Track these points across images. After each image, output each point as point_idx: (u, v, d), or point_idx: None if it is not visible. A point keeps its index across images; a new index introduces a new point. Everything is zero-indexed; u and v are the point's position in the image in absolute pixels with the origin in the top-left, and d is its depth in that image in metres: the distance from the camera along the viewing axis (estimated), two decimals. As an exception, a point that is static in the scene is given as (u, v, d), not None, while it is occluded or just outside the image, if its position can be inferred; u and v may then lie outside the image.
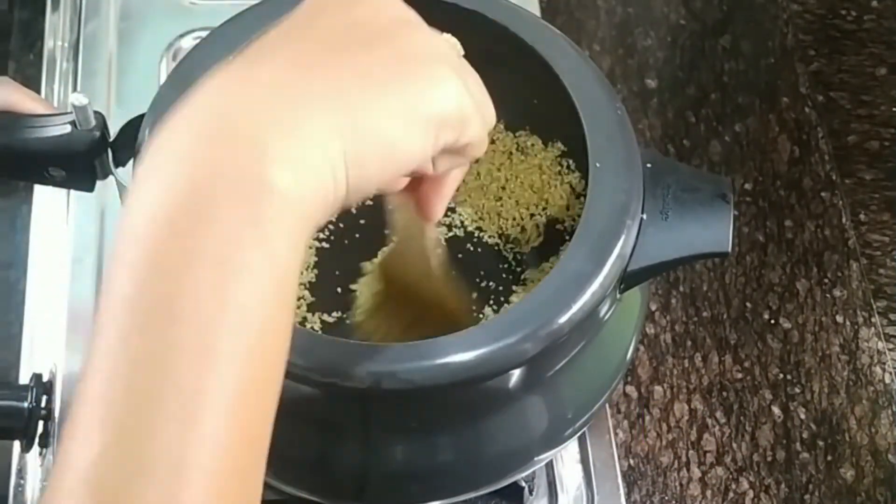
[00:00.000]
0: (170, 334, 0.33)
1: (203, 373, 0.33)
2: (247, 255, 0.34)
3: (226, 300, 0.34)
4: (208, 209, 0.34)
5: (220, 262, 0.34)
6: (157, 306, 0.33)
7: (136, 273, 0.34)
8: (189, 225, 0.34)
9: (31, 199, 0.76)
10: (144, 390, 0.33)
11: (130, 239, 0.35)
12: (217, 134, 0.36)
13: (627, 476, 0.70)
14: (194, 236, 0.34)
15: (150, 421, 0.32)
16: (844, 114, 0.88)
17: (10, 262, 0.74)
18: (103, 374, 0.33)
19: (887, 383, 0.75)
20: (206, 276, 0.34)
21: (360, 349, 0.48)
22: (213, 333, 0.33)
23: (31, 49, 0.82)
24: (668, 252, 0.52)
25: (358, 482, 0.55)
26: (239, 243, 0.34)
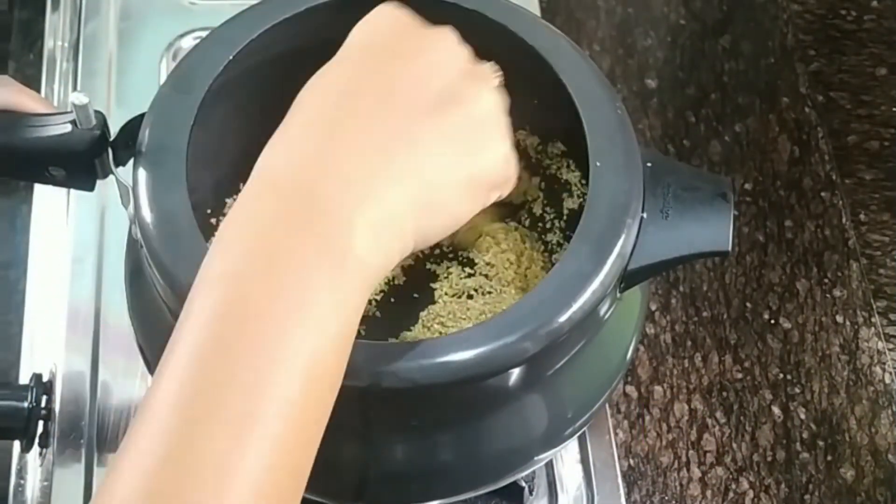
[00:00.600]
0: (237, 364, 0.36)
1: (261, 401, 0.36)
2: (325, 311, 0.38)
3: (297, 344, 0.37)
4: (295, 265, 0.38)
5: (300, 312, 0.37)
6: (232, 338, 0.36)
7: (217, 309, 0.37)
8: (276, 275, 0.37)
9: (31, 199, 0.76)
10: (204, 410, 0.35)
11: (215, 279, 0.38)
12: (301, 198, 0.39)
13: (627, 476, 0.70)
14: (280, 286, 0.37)
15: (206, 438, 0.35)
16: (844, 114, 0.88)
17: (10, 262, 0.74)
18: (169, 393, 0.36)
19: (887, 383, 0.75)
20: (284, 320, 0.37)
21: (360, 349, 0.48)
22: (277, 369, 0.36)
23: (31, 49, 0.83)
24: (668, 251, 0.52)
25: (358, 482, 0.55)
26: (319, 301, 0.38)
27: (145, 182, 0.51)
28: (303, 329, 0.37)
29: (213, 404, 0.35)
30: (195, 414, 0.35)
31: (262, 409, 0.36)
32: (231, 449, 0.35)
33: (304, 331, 0.37)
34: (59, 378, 0.69)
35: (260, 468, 0.35)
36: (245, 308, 0.37)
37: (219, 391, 0.36)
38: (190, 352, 0.36)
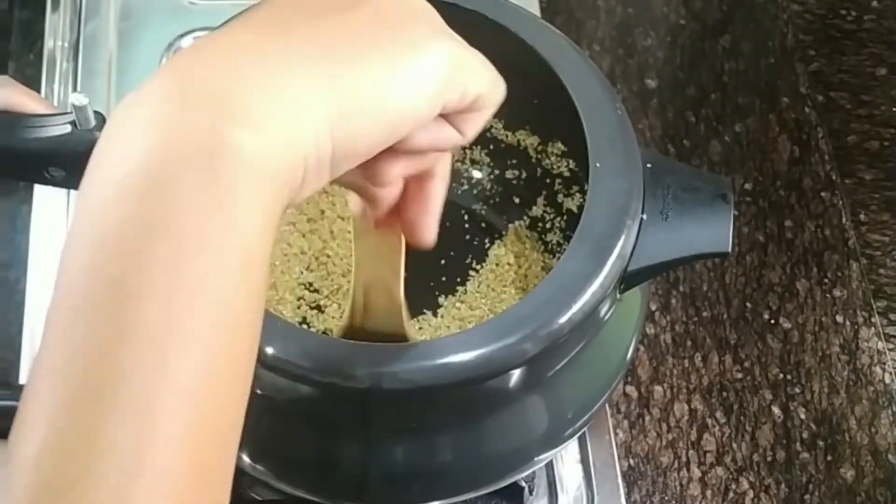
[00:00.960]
0: (122, 315, 0.30)
1: (158, 359, 0.30)
2: (205, 222, 0.31)
3: (182, 273, 0.30)
4: (165, 176, 0.31)
5: (176, 233, 0.30)
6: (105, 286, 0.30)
7: (87, 249, 0.31)
8: (144, 193, 0.31)
9: (31, 199, 0.76)
10: (90, 380, 0.29)
11: (81, 214, 0.32)
12: (182, 97, 0.32)
13: (627, 476, 0.70)
14: (149, 205, 0.31)
15: (96, 413, 0.29)
16: (844, 114, 0.88)
17: (10, 262, 0.74)
18: (49, 364, 0.30)
19: (887, 383, 0.75)
20: (161, 248, 0.30)
21: (360, 349, 0.48)
22: (168, 311, 0.30)
23: (31, 49, 0.82)
24: (668, 252, 0.52)
25: (358, 482, 0.55)
26: (197, 211, 0.31)
27: (145, 182, 0.51)
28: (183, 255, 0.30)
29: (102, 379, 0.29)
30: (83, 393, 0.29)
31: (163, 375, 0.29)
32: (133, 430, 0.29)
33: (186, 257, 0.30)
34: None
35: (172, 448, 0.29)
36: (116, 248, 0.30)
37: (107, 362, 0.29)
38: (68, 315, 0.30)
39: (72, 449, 0.29)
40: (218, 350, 0.31)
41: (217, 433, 0.31)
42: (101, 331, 0.30)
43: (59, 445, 0.29)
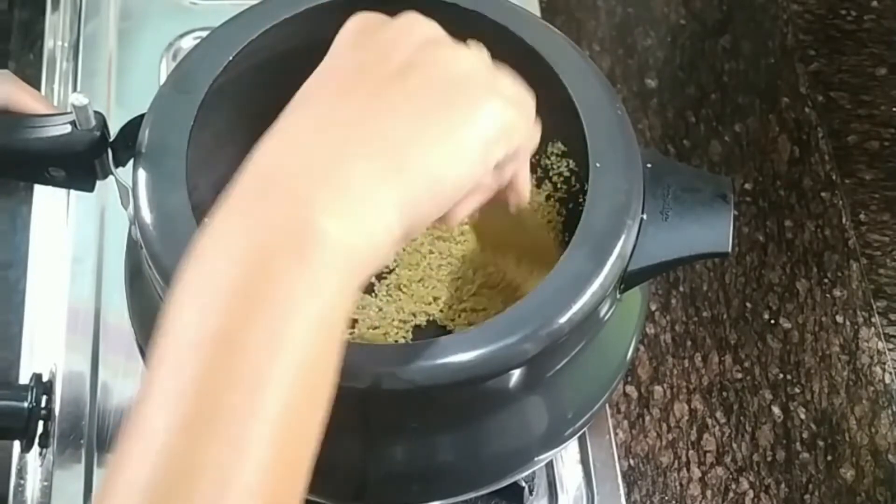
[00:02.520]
0: (224, 364, 0.35)
1: (248, 399, 0.35)
2: (299, 298, 0.36)
3: (277, 337, 0.36)
4: (262, 254, 0.36)
5: (274, 304, 0.36)
6: (210, 337, 0.36)
7: (193, 310, 0.36)
8: (247, 272, 0.36)
9: (31, 199, 0.76)
10: (191, 413, 0.35)
11: (188, 281, 0.37)
12: (267, 189, 0.38)
13: (627, 476, 0.70)
14: (249, 278, 0.36)
15: (195, 442, 0.34)
16: (844, 114, 0.88)
17: (10, 262, 0.74)
18: (160, 398, 0.35)
19: (887, 383, 0.75)
20: (261, 315, 0.36)
21: (360, 349, 0.48)
22: (264, 365, 0.35)
23: (31, 49, 0.83)
24: (668, 252, 0.52)
25: (358, 482, 0.55)
26: (291, 288, 0.36)
27: (145, 182, 0.51)
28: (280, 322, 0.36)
29: (202, 412, 0.35)
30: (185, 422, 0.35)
31: (252, 413, 0.35)
32: (225, 457, 0.34)
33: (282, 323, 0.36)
34: (59, 378, 0.69)
35: (255, 474, 0.35)
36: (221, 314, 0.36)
37: (207, 399, 0.35)
38: (175, 363, 0.36)
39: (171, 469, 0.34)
40: (295, 395, 0.36)
41: (291, 464, 0.36)
42: (201, 376, 0.35)
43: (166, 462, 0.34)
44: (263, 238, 0.37)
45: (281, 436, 0.35)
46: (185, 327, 0.37)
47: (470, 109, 0.40)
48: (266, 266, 0.36)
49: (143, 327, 0.57)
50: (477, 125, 0.40)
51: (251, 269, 0.36)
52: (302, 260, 0.36)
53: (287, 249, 0.37)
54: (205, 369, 0.35)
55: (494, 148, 0.41)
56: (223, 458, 0.34)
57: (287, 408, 0.36)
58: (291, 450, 0.36)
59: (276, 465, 0.35)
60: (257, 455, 0.35)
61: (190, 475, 0.34)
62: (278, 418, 0.35)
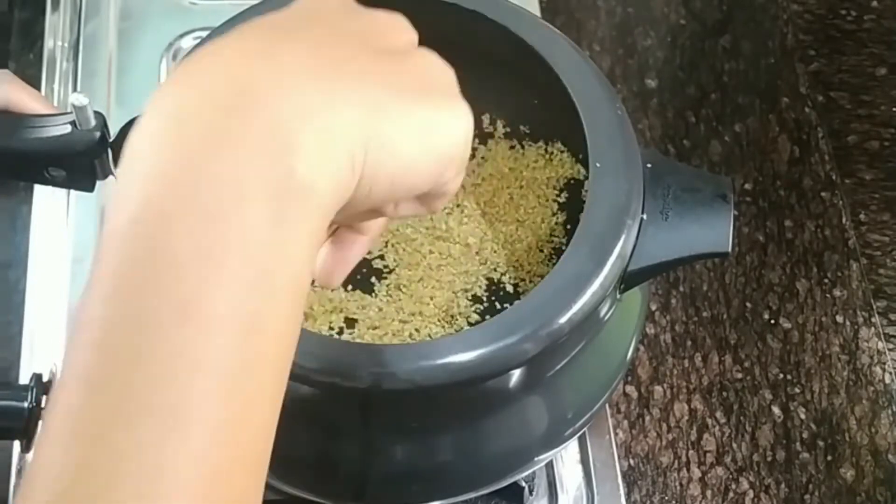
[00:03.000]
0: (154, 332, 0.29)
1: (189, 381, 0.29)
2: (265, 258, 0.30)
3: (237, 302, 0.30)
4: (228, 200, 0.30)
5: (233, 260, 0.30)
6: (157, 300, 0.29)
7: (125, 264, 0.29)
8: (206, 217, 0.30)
9: (31, 199, 0.76)
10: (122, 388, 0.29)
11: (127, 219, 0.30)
12: (241, 108, 0.31)
13: (627, 476, 0.70)
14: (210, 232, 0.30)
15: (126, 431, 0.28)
16: (844, 114, 0.88)
17: (10, 262, 0.74)
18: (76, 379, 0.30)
19: (887, 383, 0.75)
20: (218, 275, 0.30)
21: (360, 349, 0.48)
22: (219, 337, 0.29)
23: (31, 49, 0.82)
24: (668, 252, 0.52)
25: (358, 482, 0.55)
26: (258, 244, 0.30)
27: (145, 182, 0.51)
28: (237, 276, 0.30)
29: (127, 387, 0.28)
30: (107, 401, 0.28)
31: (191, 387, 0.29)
32: (156, 443, 0.28)
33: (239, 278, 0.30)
34: (58, 378, 0.69)
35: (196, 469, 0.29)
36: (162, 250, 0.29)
37: (134, 367, 0.29)
38: (99, 316, 0.29)
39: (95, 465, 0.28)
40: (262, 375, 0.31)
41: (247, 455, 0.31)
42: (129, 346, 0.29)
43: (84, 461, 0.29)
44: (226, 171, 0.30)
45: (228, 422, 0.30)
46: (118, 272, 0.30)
47: (453, 116, 0.37)
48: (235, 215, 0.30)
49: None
50: (452, 134, 0.37)
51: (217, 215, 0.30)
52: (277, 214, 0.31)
53: (260, 196, 0.30)
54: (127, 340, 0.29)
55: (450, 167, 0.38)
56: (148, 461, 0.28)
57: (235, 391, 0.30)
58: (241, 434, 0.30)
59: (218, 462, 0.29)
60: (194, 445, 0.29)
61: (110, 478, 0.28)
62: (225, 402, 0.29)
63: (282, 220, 0.31)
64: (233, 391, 0.30)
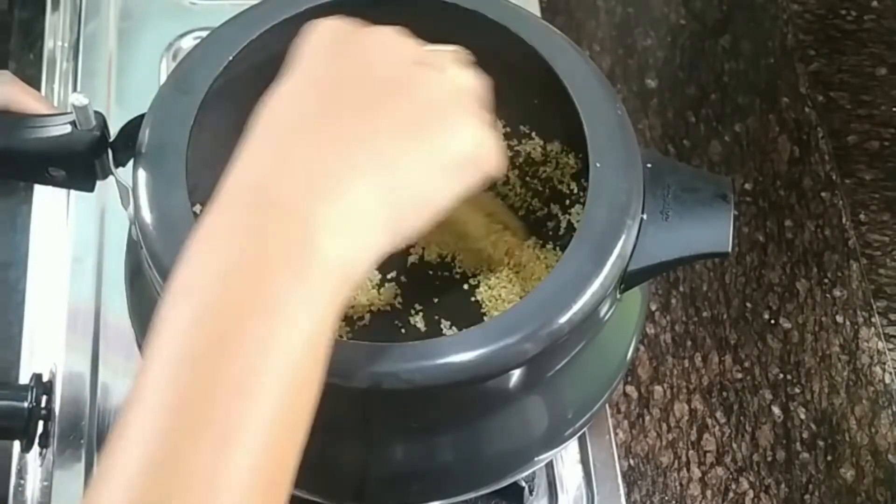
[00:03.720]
0: (217, 370, 0.36)
1: (243, 406, 0.36)
2: (294, 311, 0.37)
3: (270, 347, 0.37)
4: (261, 270, 0.37)
5: (270, 315, 0.37)
6: (205, 346, 0.36)
7: (189, 317, 0.37)
8: (243, 282, 0.37)
9: (31, 199, 0.76)
10: (188, 417, 0.35)
11: (185, 291, 0.38)
12: (261, 206, 0.39)
13: (627, 476, 0.70)
14: (248, 292, 0.37)
15: (191, 445, 0.35)
16: (844, 114, 0.88)
17: (10, 262, 0.74)
18: (151, 401, 0.36)
19: (887, 383, 0.75)
20: (256, 325, 0.37)
21: (360, 349, 0.48)
22: (256, 373, 0.36)
23: (31, 49, 0.83)
24: (668, 252, 0.52)
25: (358, 482, 0.55)
26: (288, 302, 0.37)
27: (145, 182, 0.51)
28: (274, 333, 0.37)
29: (193, 415, 0.35)
30: (177, 424, 0.35)
31: (242, 419, 0.36)
32: (215, 459, 0.35)
33: (276, 335, 0.37)
34: (59, 378, 0.69)
35: (244, 476, 0.35)
36: (215, 319, 0.37)
37: (198, 402, 0.36)
38: (167, 364, 0.37)
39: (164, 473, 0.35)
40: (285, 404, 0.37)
41: (278, 469, 0.37)
42: (194, 382, 0.36)
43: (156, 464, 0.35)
44: (263, 253, 0.38)
45: (267, 444, 0.36)
46: (177, 332, 0.37)
47: (451, 131, 0.42)
48: (263, 279, 0.37)
49: (143, 327, 0.57)
50: (456, 146, 0.43)
51: (249, 283, 0.37)
52: (299, 276, 0.38)
53: (285, 264, 0.38)
54: (195, 376, 0.36)
55: (472, 169, 0.43)
56: (209, 467, 0.35)
57: (273, 419, 0.36)
58: (276, 458, 0.37)
59: (261, 473, 0.36)
60: (243, 463, 0.35)
61: (176, 485, 0.34)
62: (264, 428, 0.36)
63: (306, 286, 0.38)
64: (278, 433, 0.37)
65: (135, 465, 0.35)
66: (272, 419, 0.36)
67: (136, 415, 0.36)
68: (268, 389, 0.36)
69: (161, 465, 0.35)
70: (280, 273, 0.38)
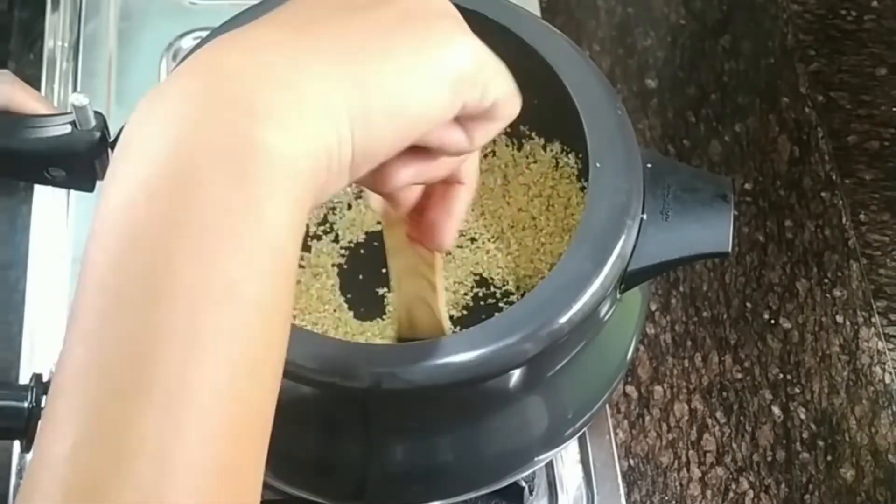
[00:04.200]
0: (149, 313, 0.30)
1: (187, 355, 0.30)
2: (232, 219, 0.31)
3: (210, 271, 0.30)
4: (191, 173, 0.31)
5: (206, 231, 0.30)
6: (135, 283, 0.30)
7: (113, 249, 0.31)
8: (169, 191, 0.31)
9: (31, 199, 0.76)
10: (122, 377, 0.29)
11: (106, 213, 0.31)
12: (206, 95, 0.32)
13: (627, 476, 0.70)
14: (174, 203, 0.31)
15: (129, 411, 0.29)
16: (844, 114, 0.88)
17: (10, 262, 0.74)
18: (78, 362, 0.30)
19: (887, 383, 0.75)
20: (188, 245, 0.30)
21: (360, 349, 0.48)
22: (197, 310, 0.30)
23: (31, 49, 0.83)
24: (668, 252, 0.52)
25: (358, 482, 0.55)
26: (224, 208, 0.31)
27: (145, 182, 0.51)
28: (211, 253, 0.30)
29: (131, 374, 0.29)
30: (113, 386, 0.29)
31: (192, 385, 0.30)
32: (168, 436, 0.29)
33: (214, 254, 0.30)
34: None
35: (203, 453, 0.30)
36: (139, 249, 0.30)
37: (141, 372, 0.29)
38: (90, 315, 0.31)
39: (103, 447, 0.29)
40: (246, 348, 0.31)
41: (245, 432, 0.31)
42: (128, 330, 0.30)
43: (91, 444, 0.29)
44: (193, 153, 0.31)
45: (230, 398, 0.30)
46: (104, 270, 0.31)
47: (444, 40, 0.37)
48: (196, 189, 0.31)
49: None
50: (450, 55, 0.37)
51: (178, 193, 0.31)
52: (239, 180, 0.31)
53: (222, 167, 0.31)
54: (133, 324, 0.30)
55: (466, 87, 0.37)
56: (161, 431, 0.29)
57: (232, 364, 0.30)
58: (241, 417, 0.31)
59: (226, 433, 0.30)
60: (200, 423, 0.29)
61: (125, 454, 0.29)
62: (225, 377, 0.30)
63: (244, 184, 0.31)
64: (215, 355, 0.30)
65: (65, 444, 0.29)
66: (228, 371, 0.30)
67: (61, 387, 0.30)
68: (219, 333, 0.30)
69: (94, 443, 0.29)
70: (216, 176, 0.31)
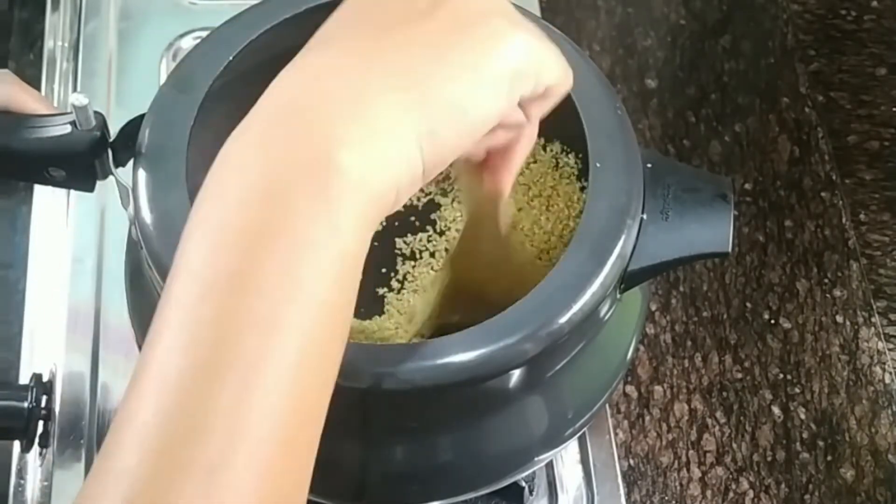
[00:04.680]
0: (234, 304, 0.34)
1: (264, 343, 0.34)
2: (313, 229, 0.35)
3: (294, 277, 0.35)
4: (280, 188, 0.35)
5: (286, 235, 0.35)
6: (224, 277, 0.35)
7: (207, 247, 0.35)
8: (260, 201, 0.35)
9: (31, 199, 0.76)
10: (205, 356, 0.34)
11: (202, 217, 0.36)
12: (286, 121, 0.37)
13: (627, 476, 0.70)
14: (264, 211, 0.35)
15: (208, 386, 0.33)
16: (844, 114, 0.88)
17: (10, 262, 0.74)
18: (167, 340, 0.35)
19: (887, 383, 0.75)
20: (273, 247, 0.35)
21: (360, 349, 0.48)
22: (279, 306, 0.34)
23: (31, 49, 0.83)
24: (668, 252, 0.52)
25: (358, 482, 0.55)
26: (306, 219, 0.35)
27: (145, 182, 0.51)
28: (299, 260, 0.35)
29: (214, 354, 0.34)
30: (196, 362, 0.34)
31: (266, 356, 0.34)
32: (242, 410, 0.33)
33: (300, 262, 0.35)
34: (59, 378, 0.69)
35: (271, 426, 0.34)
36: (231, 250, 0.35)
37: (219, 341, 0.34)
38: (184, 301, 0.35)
39: (181, 415, 0.33)
40: (313, 339, 0.35)
41: (307, 412, 0.36)
42: (215, 318, 0.34)
43: (170, 412, 0.33)
44: (280, 172, 0.36)
45: (297, 381, 0.35)
46: (197, 266, 0.35)
47: (496, 41, 0.40)
48: (282, 202, 0.35)
49: (143, 327, 0.57)
50: (503, 56, 0.40)
51: (267, 204, 0.35)
52: (320, 196, 0.36)
53: (305, 185, 0.36)
54: (218, 311, 0.34)
55: (521, 81, 0.41)
56: (236, 405, 0.33)
57: (303, 352, 0.35)
58: (307, 396, 0.35)
59: (291, 411, 0.34)
60: (272, 402, 0.34)
61: (202, 422, 0.33)
62: (294, 363, 0.34)
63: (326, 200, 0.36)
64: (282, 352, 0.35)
65: (154, 407, 0.33)
66: (300, 357, 0.34)
67: (156, 358, 0.34)
68: (294, 324, 0.34)
69: (180, 410, 0.33)
70: (299, 195, 0.35)
